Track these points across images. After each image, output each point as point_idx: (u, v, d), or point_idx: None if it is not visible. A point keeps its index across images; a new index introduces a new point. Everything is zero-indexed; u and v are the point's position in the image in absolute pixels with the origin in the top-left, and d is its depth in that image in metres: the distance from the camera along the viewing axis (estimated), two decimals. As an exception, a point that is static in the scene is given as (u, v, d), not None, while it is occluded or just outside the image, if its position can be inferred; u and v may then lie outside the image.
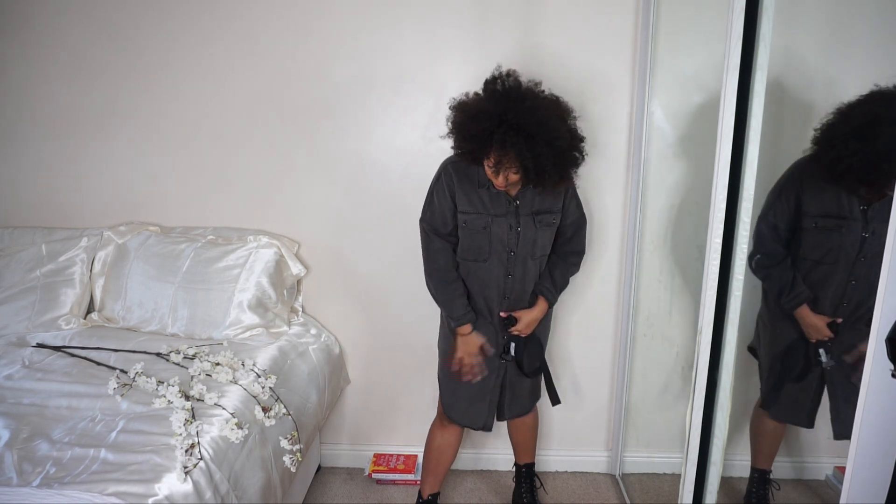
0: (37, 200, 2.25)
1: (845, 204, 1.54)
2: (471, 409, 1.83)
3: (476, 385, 1.79)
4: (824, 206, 1.57)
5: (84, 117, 2.16)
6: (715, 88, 1.41)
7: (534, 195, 1.69)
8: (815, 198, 1.58)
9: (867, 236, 1.53)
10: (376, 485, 2.29)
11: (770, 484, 1.92)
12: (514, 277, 1.74)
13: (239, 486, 1.45)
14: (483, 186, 1.67)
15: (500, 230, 1.68)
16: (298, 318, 2.20)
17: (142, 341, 1.91)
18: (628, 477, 2.31)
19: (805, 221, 1.61)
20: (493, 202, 1.67)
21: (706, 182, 1.47)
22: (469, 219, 1.68)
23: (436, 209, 1.73)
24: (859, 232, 1.53)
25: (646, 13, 1.96)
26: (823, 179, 1.55)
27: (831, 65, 1.74)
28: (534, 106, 1.49)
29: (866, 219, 1.53)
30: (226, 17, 2.06)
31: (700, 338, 1.51)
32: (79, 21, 2.09)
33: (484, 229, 1.67)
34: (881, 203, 1.50)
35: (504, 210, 1.67)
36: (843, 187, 1.53)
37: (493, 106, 1.50)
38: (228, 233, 2.16)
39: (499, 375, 1.81)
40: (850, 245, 1.54)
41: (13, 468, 1.29)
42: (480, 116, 1.50)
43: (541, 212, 1.70)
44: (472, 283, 1.76)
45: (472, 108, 1.54)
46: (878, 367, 0.94)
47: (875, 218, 1.51)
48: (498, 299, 1.76)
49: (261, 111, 2.12)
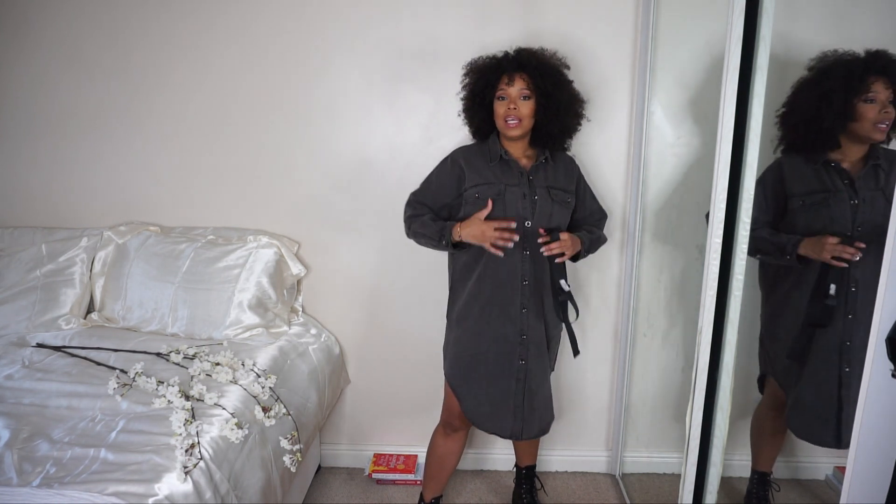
0: (37, 200, 2.25)
1: (827, 180, 1.59)
2: (495, 415, 1.74)
3: (497, 388, 1.73)
4: (807, 184, 1.61)
5: (84, 117, 2.17)
6: (715, 88, 1.42)
7: (546, 172, 1.72)
8: (798, 179, 1.63)
9: (856, 203, 1.55)
10: (376, 485, 2.29)
11: (770, 486, 1.92)
12: (530, 256, 1.69)
13: (239, 486, 1.45)
14: (495, 160, 1.71)
15: (514, 198, 1.68)
16: (298, 318, 2.20)
17: (142, 341, 1.91)
18: (628, 477, 2.31)
19: (793, 202, 1.63)
20: (505, 173, 1.70)
21: (706, 181, 1.47)
22: (481, 189, 1.69)
23: (432, 185, 1.79)
24: (847, 201, 1.55)
25: (646, 13, 1.96)
26: (801, 159, 1.63)
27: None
28: (542, 54, 1.71)
29: (854, 188, 1.56)
30: (226, 16, 2.06)
31: (700, 338, 1.51)
32: (79, 22, 2.09)
33: (497, 196, 1.67)
34: (864, 172, 1.56)
35: (517, 181, 1.69)
36: (814, 157, 1.60)
37: (504, 53, 1.71)
38: (228, 233, 2.16)
39: (519, 379, 1.73)
40: (841, 215, 1.56)
41: (13, 468, 1.29)
42: (493, 55, 1.71)
43: (555, 187, 1.71)
44: (485, 275, 1.71)
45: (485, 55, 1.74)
46: (878, 367, 0.94)
47: (863, 187, 1.56)
48: (515, 286, 1.69)
49: (261, 111, 2.12)
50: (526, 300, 1.71)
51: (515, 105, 1.64)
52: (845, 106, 1.52)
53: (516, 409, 1.74)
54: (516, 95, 1.64)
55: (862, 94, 1.49)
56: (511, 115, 1.64)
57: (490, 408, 1.75)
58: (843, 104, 1.52)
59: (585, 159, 2.08)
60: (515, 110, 1.64)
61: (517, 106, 1.64)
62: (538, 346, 1.74)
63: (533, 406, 1.75)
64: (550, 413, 1.81)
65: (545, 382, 1.78)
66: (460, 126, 2.04)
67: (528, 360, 1.73)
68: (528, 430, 1.75)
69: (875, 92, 1.48)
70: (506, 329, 1.72)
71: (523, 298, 1.71)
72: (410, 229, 1.79)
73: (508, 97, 1.65)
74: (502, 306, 1.71)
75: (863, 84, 1.49)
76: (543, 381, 1.77)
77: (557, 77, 1.68)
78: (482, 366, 1.74)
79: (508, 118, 1.65)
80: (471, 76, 1.73)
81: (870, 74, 1.49)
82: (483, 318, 1.73)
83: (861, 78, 1.49)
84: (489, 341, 1.73)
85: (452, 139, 2.08)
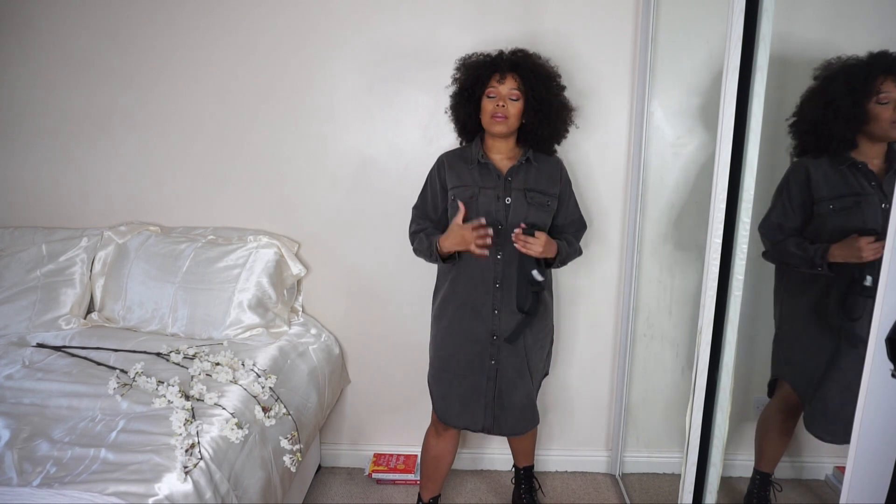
0: (37, 200, 2.25)
1: (855, 183, 1.57)
2: (466, 412, 1.77)
3: (467, 386, 1.75)
4: (836, 188, 1.59)
5: (84, 118, 2.17)
6: (715, 88, 1.42)
7: (527, 174, 1.72)
8: (825, 183, 1.60)
9: (886, 207, 1.52)
10: (376, 485, 2.29)
11: (772, 485, 1.92)
12: (503, 259, 1.69)
13: (239, 485, 1.45)
14: (474, 164, 1.72)
15: (487, 200, 1.69)
16: (298, 318, 2.20)
17: (142, 341, 1.91)
18: (628, 477, 2.31)
19: (820, 208, 1.61)
20: (482, 177, 1.71)
21: (706, 182, 1.47)
22: (457, 192, 1.71)
23: (427, 195, 1.81)
24: (878, 204, 1.53)
25: (646, 14, 1.96)
26: (826, 162, 1.60)
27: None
28: (537, 58, 1.73)
29: (882, 192, 1.54)
30: (225, 16, 2.06)
31: (700, 338, 1.51)
32: (79, 22, 2.09)
33: (471, 199, 1.69)
34: (890, 175, 1.54)
35: (493, 184, 1.70)
36: (838, 159, 1.58)
37: (498, 52, 1.72)
38: (228, 233, 2.16)
39: (490, 378, 1.75)
40: (873, 219, 1.53)
41: (13, 468, 1.29)
42: (486, 54, 1.72)
43: (533, 189, 1.71)
44: (459, 277, 1.72)
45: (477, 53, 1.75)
46: (878, 367, 0.94)
47: (892, 190, 1.52)
48: (488, 288, 1.70)
49: (261, 111, 2.12)
50: (498, 302, 1.72)
51: (504, 103, 1.65)
52: (856, 110, 1.51)
53: (486, 406, 1.76)
54: (506, 94, 1.65)
55: (872, 96, 1.49)
56: (498, 113, 1.65)
57: (460, 406, 1.77)
58: (852, 109, 1.51)
59: (585, 158, 2.08)
60: (504, 108, 1.65)
61: (506, 104, 1.65)
62: (511, 347, 1.73)
63: (503, 405, 1.76)
64: (529, 415, 1.79)
65: (521, 384, 1.76)
66: (460, 126, 2.05)
67: (499, 360, 1.74)
68: (499, 427, 1.78)
69: (887, 92, 1.48)
70: (477, 330, 1.74)
71: (495, 300, 1.72)
72: (413, 247, 1.83)
73: (498, 95, 1.66)
74: (475, 307, 1.73)
75: (871, 86, 1.49)
76: (518, 382, 1.75)
77: (549, 82, 1.69)
78: (453, 365, 1.77)
79: (496, 115, 1.65)
80: (462, 71, 1.74)
81: (877, 76, 1.49)
82: (456, 318, 1.75)
83: (868, 80, 1.49)
84: (461, 341, 1.75)
85: (452, 139, 2.08)
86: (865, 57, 1.52)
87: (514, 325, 1.73)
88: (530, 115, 1.68)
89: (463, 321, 1.74)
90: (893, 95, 1.48)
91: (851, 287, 1.57)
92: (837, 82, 1.54)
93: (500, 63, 1.67)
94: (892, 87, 1.48)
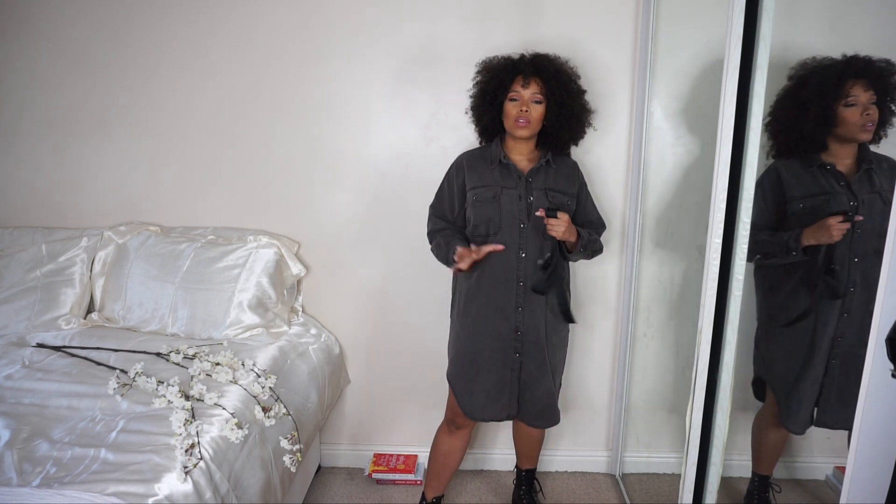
0: (37, 200, 2.25)
1: (824, 182, 1.61)
2: (490, 404, 1.78)
3: (492, 380, 1.76)
4: (806, 187, 1.63)
5: (84, 117, 2.17)
6: (715, 88, 1.42)
7: (546, 175, 1.73)
8: (796, 183, 1.65)
9: (855, 205, 1.56)
10: (376, 485, 2.29)
11: (771, 487, 1.92)
12: (527, 256, 1.71)
13: (239, 486, 1.45)
14: (495, 164, 1.73)
15: (509, 200, 1.70)
16: (298, 318, 2.20)
17: (142, 341, 1.91)
18: (628, 477, 2.31)
19: (792, 206, 1.65)
20: (503, 177, 1.72)
21: (706, 182, 1.47)
22: (479, 192, 1.72)
23: (444, 195, 1.82)
24: (846, 203, 1.57)
25: (646, 13, 1.96)
26: (797, 163, 1.65)
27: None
28: (558, 60, 1.74)
29: (851, 191, 1.57)
30: (226, 16, 2.06)
31: (700, 338, 1.51)
32: (79, 22, 2.09)
33: (493, 199, 1.70)
34: (858, 176, 1.57)
35: (514, 183, 1.71)
36: (808, 161, 1.62)
37: (520, 55, 1.73)
38: (228, 233, 2.16)
39: (514, 369, 1.76)
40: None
41: (13, 468, 1.29)
42: (508, 56, 1.73)
43: (553, 189, 1.72)
44: (483, 275, 1.73)
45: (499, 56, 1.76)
46: (878, 367, 0.94)
47: (860, 190, 1.57)
48: (511, 286, 1.71)
49: (261, 111, 2.12)
50: (522, 300, 1.73)
51: (527, 108, 1.66)
52: (826, 113, 1.54)
53: (511, 394, 1.78)
54: (529, 98, 1.66)
55: (841, 99, 1.52)
56: (522, 117, 1.66)
57: (485, 399, 1.78)
58: (822, 111, 1.54)
59: (586, 160, 2.08)
60: (527, 112, 1.66)
61: (529, 108, 1.66)
62: (535, 343, 1.75)
63: (526, 397, 1.79)
64: (551, 411, 1.83)
65: (542, 381, 1.78)
66: (460, 126, 2.05)
67: (522, 353, 1.75)
68: (524, 414, 1.80)
69: (855, 96, 1.51)
70: (501, 326, 1.74)
71: (519, 298, 1.73)
72: (431, 247, 1.84)
73: (521, 99, 1.66)
74: (499, 305, 1.74)
75: (841, 89, 1.52)
76: (540, 378, 1.78)
77: (571, 85, 1.71)
78: (478, 362, 1.77)
79: (519, 119, 1.66)
80: (484, 74, 1.74)
81: (847, 79, 1.51)
82: (481, 316, 1.75)
83: (838, 83, 1.52)
84: (486, 338, 1.75)
85: (452, 139, 2.09)
86: (839, 60, 1.54)
87: (540, 326, 1.74)
88: (552, 119, 1.70)
89: (488, 319, 1.75)
90: (862, 99, 1.51)
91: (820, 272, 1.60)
92: (809, 85, 1.57)
93: (523, 66, 1.68)
94: (860, 90, 1.51)
